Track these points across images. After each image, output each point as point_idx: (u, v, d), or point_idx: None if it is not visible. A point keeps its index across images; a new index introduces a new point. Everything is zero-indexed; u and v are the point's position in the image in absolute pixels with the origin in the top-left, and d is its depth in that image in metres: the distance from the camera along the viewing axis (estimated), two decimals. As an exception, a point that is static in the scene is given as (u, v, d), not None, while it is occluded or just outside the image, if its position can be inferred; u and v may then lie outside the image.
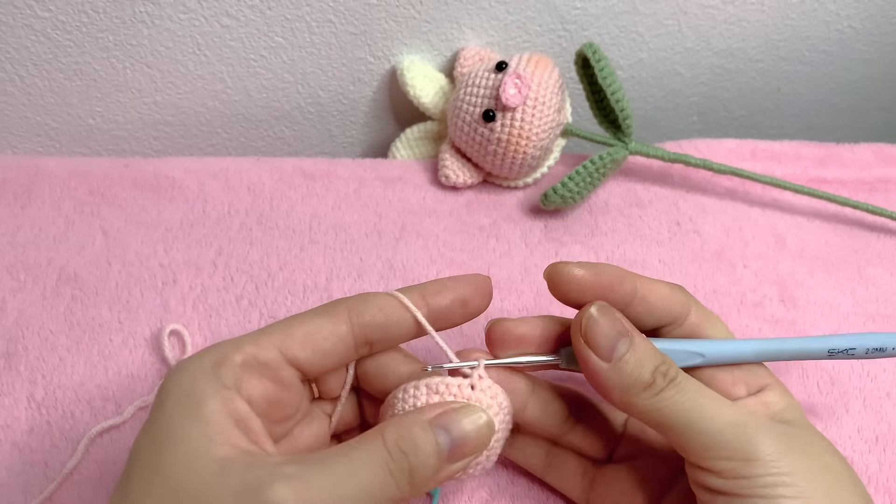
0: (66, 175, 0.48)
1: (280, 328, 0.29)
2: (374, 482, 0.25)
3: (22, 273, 0.43)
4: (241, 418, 0.26)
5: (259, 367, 0.28)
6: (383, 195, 0.48)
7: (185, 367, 0.27)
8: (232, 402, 0.26)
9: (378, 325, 0.30)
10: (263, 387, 0.28)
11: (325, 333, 0.29)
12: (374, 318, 0.30)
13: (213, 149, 0.55)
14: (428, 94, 0.50)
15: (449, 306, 0.31)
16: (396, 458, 0.26)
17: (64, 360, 0.39)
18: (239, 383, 0.27)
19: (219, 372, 0.27)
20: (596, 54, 0.44)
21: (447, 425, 0.27)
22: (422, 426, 0.27)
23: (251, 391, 0.27)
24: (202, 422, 0.25)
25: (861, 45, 0.59)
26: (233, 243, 0.45)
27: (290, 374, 0.29)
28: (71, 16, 0.45)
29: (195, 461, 0.24)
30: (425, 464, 0.26)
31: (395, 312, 0.30)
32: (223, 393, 0.26)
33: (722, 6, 0.54)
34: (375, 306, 0.30)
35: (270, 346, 0.28)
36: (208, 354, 0.28)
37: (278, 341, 0.28)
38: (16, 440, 0.37)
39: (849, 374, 0.41)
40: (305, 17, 0.48)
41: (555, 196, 0.45)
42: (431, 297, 0.31)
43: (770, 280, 0.45)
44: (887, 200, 0.49)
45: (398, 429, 0.27)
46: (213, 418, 0.25)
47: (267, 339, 0.28)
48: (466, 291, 0.31)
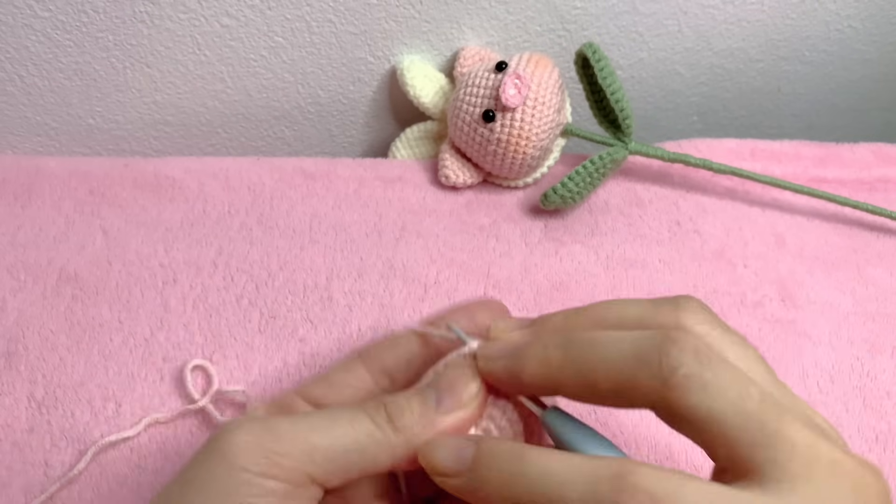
0: (66, 175, 0.48)
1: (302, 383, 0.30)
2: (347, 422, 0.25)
3: (22, 273, 0.43)
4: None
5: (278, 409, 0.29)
6: (383, 195, 0.48)
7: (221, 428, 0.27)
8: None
9: (387, 350, 0.30)
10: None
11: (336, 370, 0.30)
12: (381, 347, 0.30)
13: (213, 149, 0.55)
14: (428, 94, 0.50)
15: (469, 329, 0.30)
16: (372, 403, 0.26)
17: (64, 360, 0.39)
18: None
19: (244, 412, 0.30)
20: (596, 54, 0.44)
21: (432, 382, 0.27)
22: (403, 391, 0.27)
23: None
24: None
25: (861, 45, 0.59)
26: (233, 243, 0.45)
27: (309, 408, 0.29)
28: (71, 16, 0.45)
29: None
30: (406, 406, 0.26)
31: (404, 342, 0.30)
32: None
33: (722, 6, 0.54)
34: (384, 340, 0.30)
35: (288, 392, 0.29)
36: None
37: (296, 387, 0.29)
38: (16, 440, 0.37)
39: (849, 373, 0.41)
40: (305, 17, 0.48)
41: (555, 196, 0.45)
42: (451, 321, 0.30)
43: (770, 280, 0.45)
44: (887, 200, 0.49)
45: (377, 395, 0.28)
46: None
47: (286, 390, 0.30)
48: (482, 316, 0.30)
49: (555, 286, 0.44)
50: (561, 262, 0.45)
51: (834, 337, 0.43)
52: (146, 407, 0.38)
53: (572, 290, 0.44)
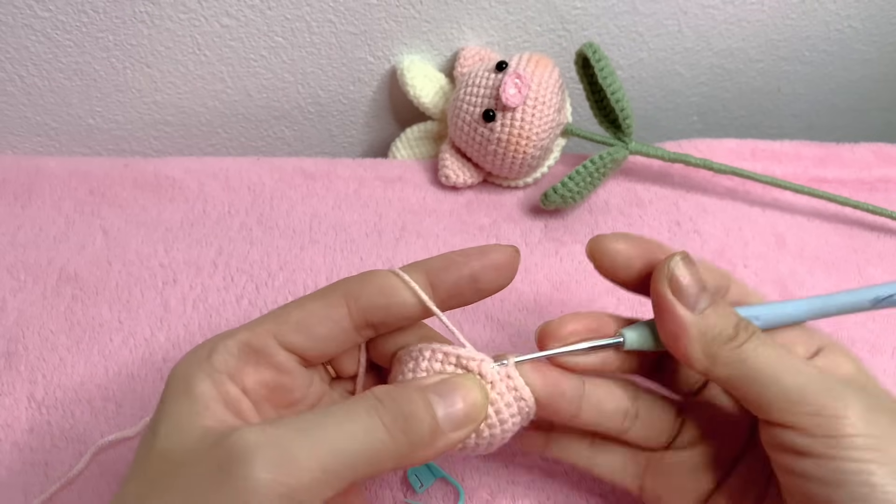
0: (67, 175, 0.48)
1: (275, 314, 0.28)
2: (360, 428, 0.25)
3: (22, 273, 0.43)
4: (230, 400, 0.27)
5: (254, 354, 0.28)
6: (383, 195, 0.48)
7: (184, 359, 0.28)
8: (222, 385, 0.27)
9: (378, 307, 0.28)
10: (259, 374, 0.28)
11: (320, 317, 0.28)
12: (372, 300, 0.28)
13: (213, 149, 0.55)
14: (428, 94, 0.50)
15: (457, 284, 0.29)
16: (388, 406, 0.25)
17: (64, 360, 0.39)
18: (233, 370, 0.27)
19: (212, 358, 0.27)
20: (596, 54, 0.44)
21: (440, 391, 0.27)
22: (416, 388, 0.27)
23: (245, 378, 0.27)
24: (191, 400, 0.26)
25: (861, 45, 0.59)
26: (233, 243, 0.45)
27: (286, 358, 0.28)
28: (71, 16, 0.45)
29: (182, 431, 0.25)
30: (419, 414, 0.26)
31: (396, 293, 0.28)
32: (214, 376, 0.27)
33: (722, 6, 0.54)
34: (375, 287, 0.28)
35: (264, 333, 0.28)
36: (205, 344, 0.28)
37: (272, 328, 0.28)
38: (16, 440, 0.37)
39: (849, 373, 0.41)
40: (305, 17, 0.48)
41: (555, 196, 0.45)
42: (437, 276, 0.29)
43: (770, 280, 0.45)
44: (887, 200, 0.49)
45: (390, 387, 0.27)
46: (201, 398, 0.26)
47: (261, 327, 0.28)
48: (476, 266, 0.29)
49: (555, 286, 0.44)
50: (561, 262, 0.45)
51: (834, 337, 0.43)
52: (146, 407, 0.38)
53: (572, 290, 0.44)
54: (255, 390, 0.28)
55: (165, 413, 0.26)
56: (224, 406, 0.26)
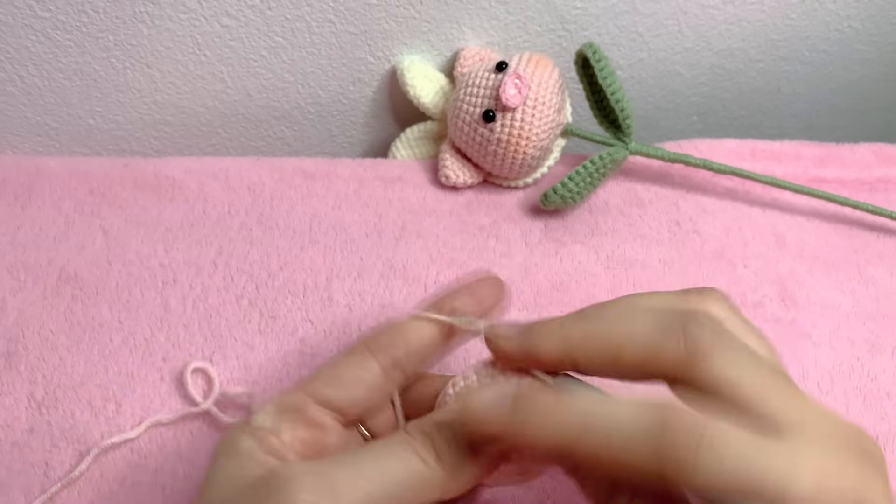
0: (66, 175, 0.48)
1: (308, 376, 0.30)
2: (397, 460, 0.25)
3: (22, 273, 0.43)
4: (275, 449, 0.27)
5: (289, 412, 0.28)
6: (383, 195, 0.48)
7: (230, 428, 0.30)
8: (265, 438, 0.27)
9: (398, 344, 0.30)
10: (295, 430, 0.28)
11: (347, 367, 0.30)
12: (392, 340, 0.30)
13: (213, 149, 0.55)
14: (428, 94, 0.50)
15: (469, 309, 0.30)
16: (417, 437, 0.26)
17: (64, 360, 0.39)
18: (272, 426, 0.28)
19: (253, 419, 0.28)
20: (596, 54, 0.44)
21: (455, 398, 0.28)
22: (443, 412, 0.27)
23: (283, 434, 0.28)
24: (237, 454, 0.27)
25: (861, 45, 0.59)
26: (233, 243, 0.45)
27: (320, 413, 0.29)
28: (71, 16, 0.45)
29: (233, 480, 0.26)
30: (451, 442, 0.26)
31: (412, 330, 0.30)
32: (256, 433, 0.28)
33: (722, 6, 0.54)
34: (391, 329, 0.30)
35: (298, 392, 0.29)
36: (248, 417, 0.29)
37: (305, 387, 0.29)
38: (16, 440, 0.37)
39: (849, 373, 0.41)
40: (305, 17, 0.48)
41: (555, 196, 0.45)
42: (450, 308, 0.30)
43: (770, 280, 0.45)
44: (887, 200, 0.49)
45: (419, 419, 0.27)
46: (246, 451, 0.27)
47: (294, 388, 0.29)
48: (482, 294, 0.31)
49: (555, 286, 0.44)
50: (561, 262, 0.45)
51: (834, 337, 0.43)
52: (146, 407, 0.38)
53: (572, 290, 0.44)
54: (295, 447, 0.28)
55: (215, 470, 0.27)
56: (269, 454, 0.27)
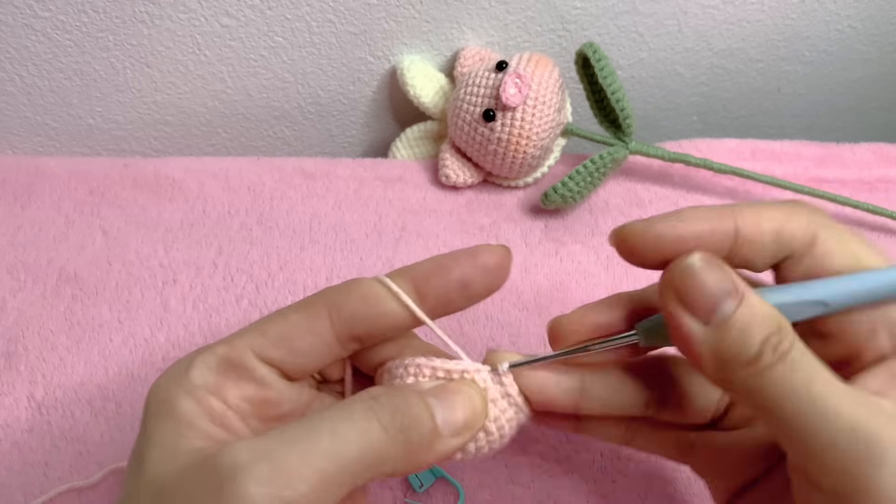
0: (66, 175, 0.48)
1: (255, 327, 0.27)
2: (357, 431, 0.23)
3: (22, 273, 0.43)
4: (215, 415, 0.25)
5: (233, 369, 0.26)
6: (383, 195, 0.48)
7: (161, 378, 0.26)
8: (205, 400, 0.25)
9: (362, 318, 0.26)
10: (241, 389, 0.26)
11: (301, 331, 0.26)
12: (355, 310, 0.26)
13: (213, 149, 0.55)
14: (428, 93, 0.50)
15: (447, 291, 0.27)
16: (385, 405, 0.24)
17: (64, 360, 0.39)
18: (212, 386, 0.26)
19: (189, 374, 0.26)
20: (596, 54, 0.44)
21: (439, 395, 0.26)
22: (414, 390, 0.26)
23: (227, 393, 0.26)
24: (175, 420, 0.25)
25: (861, 45, 0.59)
26: (233, 243, 0.45)
27: (267, 372, 0.26)
28: (71, 16, 0.45)
29: (170, 454, 0.24)
30: (418, 417, 0.24)
31: (381, 302, 0.26)
32: (194, 392, 0.25)
33: (722, 6, 0.54)
34: (358, 297, 0.26)
35: (243, 347, 0.26)
36: (181, 361, 0.27)
37: (251, 342, 0.26)
38: (16, 440, 0.37)
39: (849, 373, 0.41)
40: (305, 17, 0.48)
41: (555, 195, 0.45)
42: (425, 282, 0.27)
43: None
44: (887, 200, 0.49)
45: (387, 388, 0.26)
46: (185, 416, 0.25)
47: (240, 341, 0.26)
48: (466, 271, 0.27)
49: (555, 286, 0.44)
50: (561, 262, 0.45)
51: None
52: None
53: (572, 290, 0.44)
54: (238, 406, 0.26)
55: (150, 437, 0.25)
56: (210, 421, 0.25)
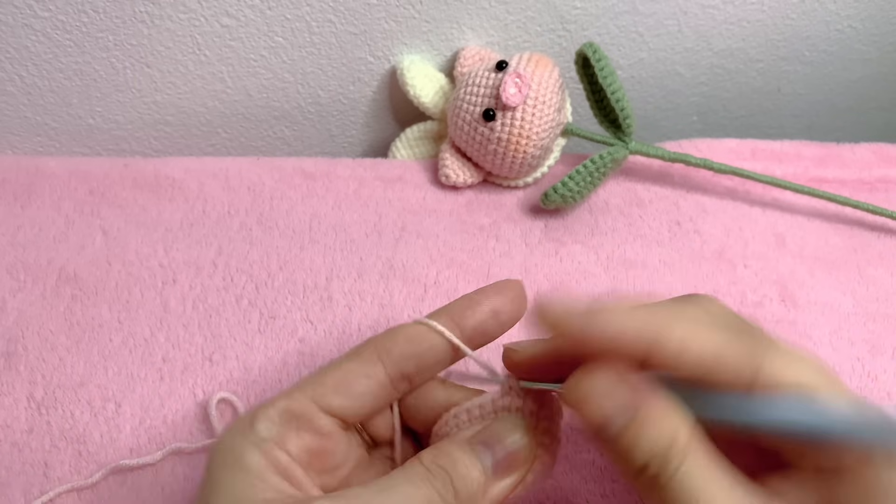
0: (66, 175, 0.48)
1: (312, 379, 0.29)
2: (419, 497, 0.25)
3: (22, 273, 0.43)
4: (282, 467, 0.27)
5: (295, 420, 0.28)
6: (383, 195, 0.48)
7: (227, 431, 0.28)
8: (272, 452, 0.27)
9: (410, 356, 0.29)
10: (302, 439, 0.28)
11: (357, 375, 0.29)
12: (403, 350, 0.29)
13: (213, 149, 0.55)
14: (428, 93, 0.50)
15: (482, 322, 0.30)
16: (437, 473, 0.26)
17: (64, 360, 0.39)
18: (277, 438, 0.27)
19: (256, 427, 0.27)
20: (596, 54, 0.44)
21: (486, 440, 0.27)
22: (459, 444, 0.27)
23: (289, 444, 0.27)
24: (244, 471, 0.26)
25: (861, 45, 0.59)
26: (233, 243, 0.45)
27: (327, 422, 0.28)
28: (71, 16, 0.45)
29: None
30: (467, 476, 0.26)
31: (425, 339, 0.29)
32: (262, 446, 0.27)
33: (722, 6, 0.54)
34: (403, 338, 0.29)
35: (304, 399, 0.28)
36: (244, 417, 0.28)
37: (310, 392, 0.28)
38: (16, 440, 0.37)
39: (849, 373, 0.41)
40: (305, 17, 0.48)
41: (555, 195, 0.45)
42: (462, 317, 0.30)
43: (770, 280, 0.45)
44: (887, 200, 0.49)
45: (435, 450, 0.27)
46: (254, 467, 0.26)
47: (299, 392, 0.28)
48: (497, 302, 0.30)
49: (555, 286, 0.44)
50: (561, 262, 0.45)
51: (834, 337, 0.43)
52: (146, 407, 0.38)
53: (572, 290, 0.44)
54: (298, 456, 0.27)
55: (219, 487, 0.26)
56: (277, 474, 0.26)
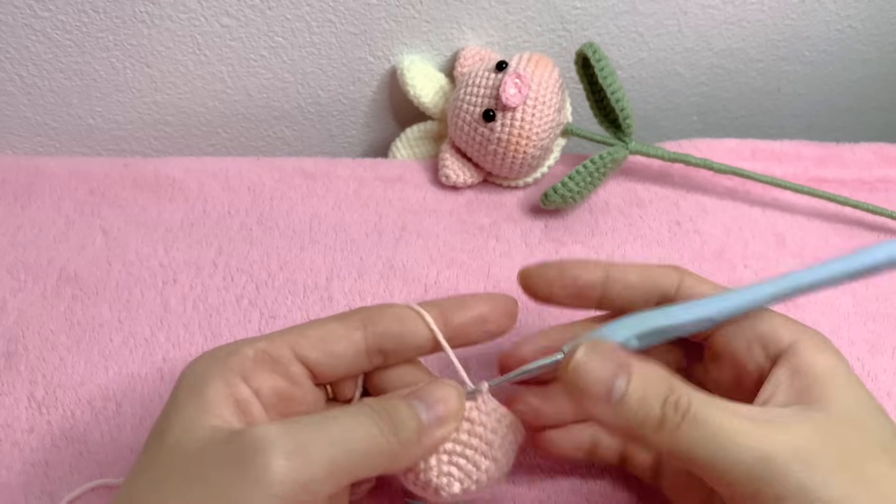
0: (66, 175, 0.48)
1: (295, 329, 0.30)
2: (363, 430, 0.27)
3: (22, 273, 0.43)
4: (241, 401, 0.28)
5: (270, 362, 0.29)
6: (383, 195, 0.48)
7: (200, 357, 0.29)
8: (235, 386, 0.28)
9: (393, 335, 0.30)
10: (273, 380, 0.29)
11: (338, 336, 0.30)
12: (389, 327, 0.30)
13: (213, 149, 0.55)
14: (428, 93, 0.50)
15: (467, 323, 0.31)
16: (381, 414, 0.27)
17: (64, 360, 0.39)
18: (248, 373, 0.28)
19: (228, 360, 0.28)
20: (596, 54, 0.44)
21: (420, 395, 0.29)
22: (398, 396, 0.29)
23: (260, 382, 0.29)
24: (201, 398, 0.27)
25: (861, 45, 0.59)
26: (233, 243, 0.45)
27: (300, 371, 0.30)
28: (71, 16, 0.45)
29: (191, 428, 0.26)
30: (407, 421, 0.28)
31: (411, 324, 0.30)
32: (227, 377, 0.28)
33: (722, 6, 0.54)
34: (392, 316, 0.30)
35: (283, 344, 0.29)
36: (223, 346, 0.29)
37: (291, 340, 0.29)
38: (16, 440, 0.37)
39: (849, 373, 0.41)
40: (305, 17, 0.48)
41: (555, 196, 0.45)
42: (450, 314, 0.31)
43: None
44: (887, 200, 0.49)
45: (379, 398, 0.30)
46: (212, 397, 0.27)
47: (280, 338, 0.29)
48: (486, 309, 0.31)
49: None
50: (561, 262, 0.45)
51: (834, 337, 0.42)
52: (146, 407, 0.38)
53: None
54: (266, 395, 0.29)
55: (176, 409, 0.27)
56: (233, 407, 0.27)
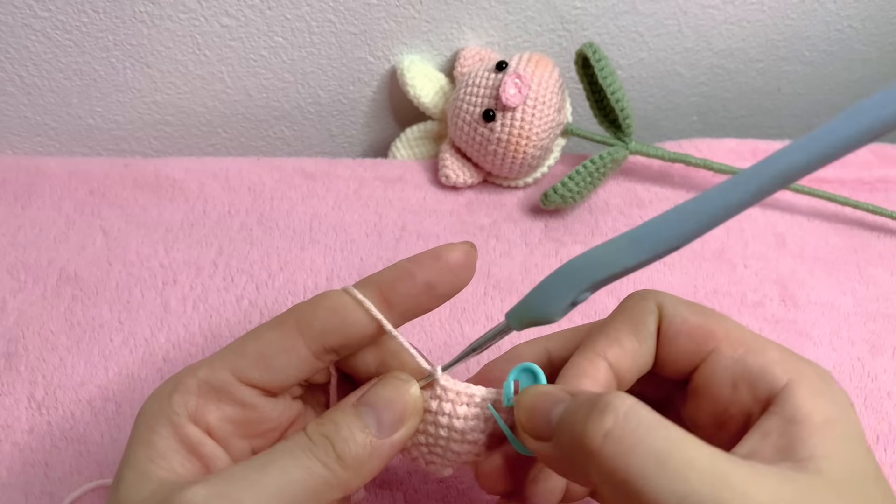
0: (67, 175, 0.48)
1: (233, 348, 0.28)
2: (300, 469, 0.25)
3: (22, 273, 0.43)
4: (191, 444, 0.26)
5: (214, 392, 0.27)
6: (383, 195, 0.48)
7: (149, 400, 0.28)
8: (182, 427, 0.26)
9: (333, 331, 0.27)
10: (222, 411, 0.27)
11: (276, 349, 0.27)
12: (325, 324, 0.27)
13: (213, 149, 0.55)
14: (428, 93, 0.50)
15: (413, 296, 0.27)
16: (318, 441, 0.25)
17: (64, 360, 0.39)
18: (193, 410, 0.27)
19: (172, 400, 0.26)
20: (596, 54, 0.44)
21: (369, 400, 0.27)
22: (342, 409, 0.27)
23: (209, 417, 0.27)
24: (149, 447, 0.26)
25: (861, 45, 0.59)
26: (233, 243, 0.45)
27: (248, 393, 0.27)
28: (71, 16, 0.45)
29: (139, 482, 0.25)
30: (350, 439, 0.26)
31: (349, 313, 0.27)
32: (173, 419, 0.26)
33: (722, 6, 0.54)
34: (326, 310, 0.27)
35: (222, 369, 0.27)
36: (167, 383, 0.27)
37: (231, 363, 0.27)
38: (16, 440, 0.37)
39: (849, 373, 0.41)
40: (305, 17, 0.48)
41: (555, 196, 0.45)
42: (392, 290, 0.27)
43: (770, 280, 0.45)
44: (887, 200, 0.49)
45: (320, 418, 0.27)
46: (159, 443, 0.26)
47: (220, 361, 0.27)
48: (430, 273, 0.27)
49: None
50: (561, 262, 0.45)
51: (834, 337, 0.43)
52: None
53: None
54: (220, 427, 0.27)
55: (128, 460, 0.26)
56: (184, 453, 0.26)
